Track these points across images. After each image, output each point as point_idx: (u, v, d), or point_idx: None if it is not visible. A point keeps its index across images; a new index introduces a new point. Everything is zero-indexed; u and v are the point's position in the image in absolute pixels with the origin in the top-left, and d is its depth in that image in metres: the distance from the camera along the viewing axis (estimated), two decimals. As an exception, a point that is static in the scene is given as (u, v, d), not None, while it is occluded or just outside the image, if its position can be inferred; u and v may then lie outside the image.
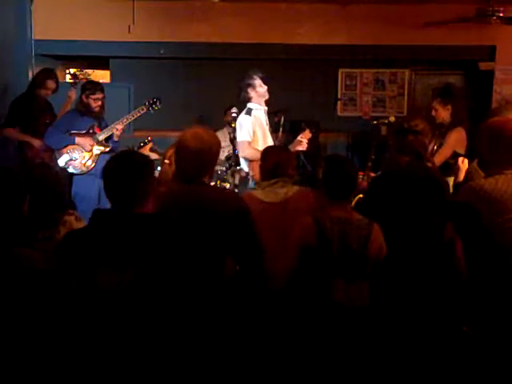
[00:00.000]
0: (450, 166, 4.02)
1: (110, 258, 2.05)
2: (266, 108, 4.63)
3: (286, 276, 2.72)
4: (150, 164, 2.26)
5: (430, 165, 3.07)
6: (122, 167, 2.17)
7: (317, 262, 2.62)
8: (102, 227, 2.13)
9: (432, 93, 4.72)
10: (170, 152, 3.33)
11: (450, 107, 4.47)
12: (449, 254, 2.64)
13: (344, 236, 2.60)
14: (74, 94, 5.48)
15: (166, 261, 2.13)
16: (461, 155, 4.26)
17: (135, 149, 5.27)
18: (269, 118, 4.88)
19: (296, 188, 3.21)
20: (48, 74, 5.41)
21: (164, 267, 2.12)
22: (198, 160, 2.53)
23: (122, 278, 2.02)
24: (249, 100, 4.57)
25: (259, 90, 4.55)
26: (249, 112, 4.51)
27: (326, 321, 2.59)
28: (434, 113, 4.58)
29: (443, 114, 4.50)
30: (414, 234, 2.70)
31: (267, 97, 4.60)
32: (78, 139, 4.92)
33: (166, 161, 3.30)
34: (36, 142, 5.17)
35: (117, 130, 4.96)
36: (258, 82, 4.55)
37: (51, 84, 5.34)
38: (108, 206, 2.21)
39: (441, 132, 4.43)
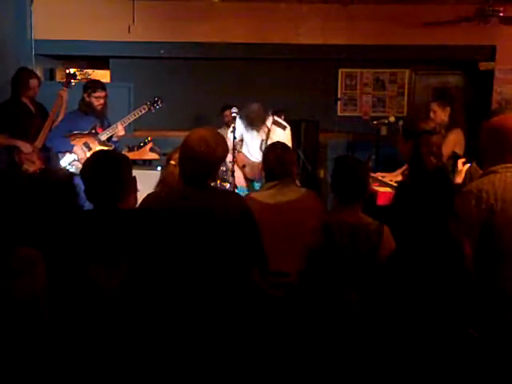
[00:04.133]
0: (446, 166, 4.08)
1: (101, 255, 2.08)
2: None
3: (295, 278, 2.71)
4: (126, 160, 2.32)
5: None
6: (99, 166, 2.21)
7: (326, 266, 2.58)
8: (88, 225, 2.16)
9: (432, 94, 4.80)
10: (177, 154, 3.28)
11: (448, 109, 4.59)
12: (456, 251, 2.61)
13: (353, 242, 2.56)
14: (65, 94, 5.28)
15: (157, 255, 2.16)
16: (458, 156, 4.29)
17: (135, 149, 5.29)
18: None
19: (302, 190, 3.20)
20: (28, 73, 5.24)
21: (155, 262, 2.15)
22: (202, 164, 2.50)
23: (114, 273, 2.05)
24: None
25: None
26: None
27: (340, 324, 2.56)
28: (432, 115, 4.68)
29: (442, 115, 4.65)
30: (422, 233, 2.70)
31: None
32: (75, 148, 4.87)
33: (172, 162, 3.26)
34: (25, 147, 4.98)
35: (118, 130, 4.96)
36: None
37: (34, 83, 5.18)
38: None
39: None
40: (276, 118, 4.70)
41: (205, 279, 2.41)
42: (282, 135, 4.59)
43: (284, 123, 4.71)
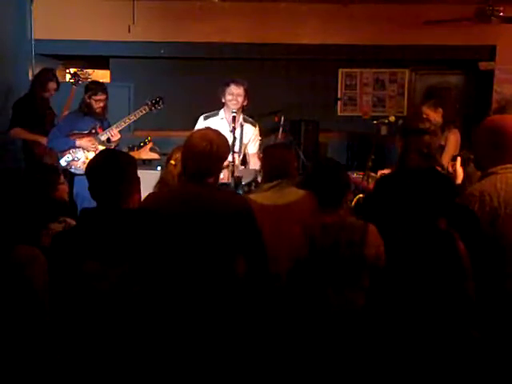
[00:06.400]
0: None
1: (101, 253, 2.09)
2: (235, 115, 4.24)
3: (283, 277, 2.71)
4: (132, 161, 2.34)
5: (439, 169, 3.03)
6: (105, 166, 2.22)
7: (309, 271, 2.58)
8: (91, 224, 2.17)
9: (422, 97, 4.79)
10: (177, 154, 3.29)
11: (440, 110, 4.56)
12: (450, 250, 2.59)
13: (336, 243, 2.56)
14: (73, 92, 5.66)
15: (158, 254, 2.17)
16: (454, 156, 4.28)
17: (135, 149, 5.30)
18: (269, 118, 4.89)
19: (301, 192, 3.13)
20: (49, 76, 5.51)
21: (157, 261, 2.16)
22: (204, 160, 2.53)
23: (114, 272, 2.07)
24: (222, 106, 4.55)
25: (227, 98, 4.47)
26: (206, 118, 4.55)
27: (320, 326, 2.57)
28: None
29: (436, 117, 4.60)
30: (414, 233, 2.68)
31: (235, 105, 4.41)
32: (79, 142, 4.92)
33: (172, 162, 3.27)
34: (44, 140, 5.22)
35: (114, 134, 4.99)
36: (228, 89, 4.46)
37: (53, 85, 5.47)
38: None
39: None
40: (244, 115, 4.62)
41: (204, 277, 2.43)
42: (252, 131, 4.60)
43: (252, 120, 4.67)
